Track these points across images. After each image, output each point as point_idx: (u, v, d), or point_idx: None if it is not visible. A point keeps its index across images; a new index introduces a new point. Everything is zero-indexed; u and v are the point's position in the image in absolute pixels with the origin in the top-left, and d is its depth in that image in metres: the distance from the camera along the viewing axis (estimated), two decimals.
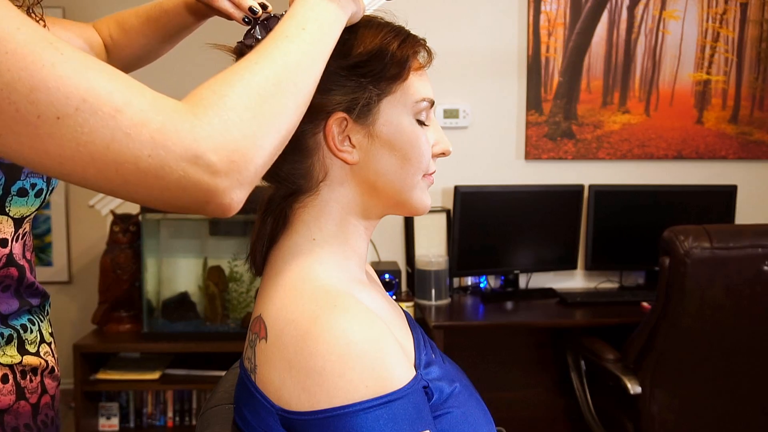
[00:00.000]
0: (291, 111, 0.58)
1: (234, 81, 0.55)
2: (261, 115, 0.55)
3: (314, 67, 0.61)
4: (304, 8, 0.64)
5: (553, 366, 2.59)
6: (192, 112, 0.52)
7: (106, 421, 2.62)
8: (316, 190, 0.75)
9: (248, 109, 0.54)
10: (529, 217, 2.49)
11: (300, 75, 0.59)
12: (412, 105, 0.74)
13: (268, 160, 0.57)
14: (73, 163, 0.49)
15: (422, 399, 0.65)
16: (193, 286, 2.70)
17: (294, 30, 0.61)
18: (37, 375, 0.81)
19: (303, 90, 0.60)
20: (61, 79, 0.47)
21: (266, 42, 0.61)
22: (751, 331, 1.80)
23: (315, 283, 0.69)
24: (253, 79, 0.56)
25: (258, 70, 0.57)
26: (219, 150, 0.52)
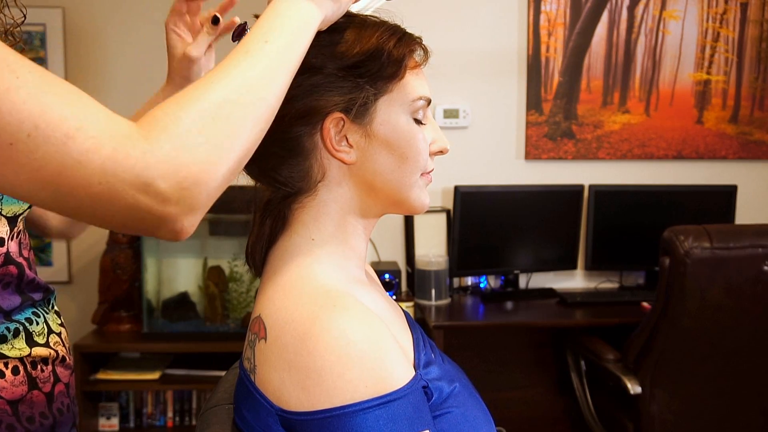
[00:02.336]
0: (249, 130, 0.57)
1: (189, 103, 0.55)
2: (215, 138, 0.54)
3: (276, 81, 0.60)
4: (272, 15, 0.63)
5: (553, 366, 2.59)
6: (145, 137, 0.52)
7: (106, 421, 2.62)
8: (314, 191, 0.75)
9: (201, 133, 0.53)
10: (529, 217, 2.49)
11: (260, 91, 0.58)
12: (409, 104, 0.74)
13: (223, 183, 0.56)
14: (28, 187, 0.50)
15: (422, 399, 0.65)
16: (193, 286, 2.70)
17: (256, 44, 0.60)
18: (48, 365, 0.82)
19: (263, 106, 0.59)
20: (14, 105, 0.47)
21: (227, 59, 0.60)
22: (752, 331, 1.80)
23: (314, 283, 0.69)
24: (208, 99, 0.55)
25: (214, 91, 0.56)
26: (169, 177, 0.51)
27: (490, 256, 2.48)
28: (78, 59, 3.30)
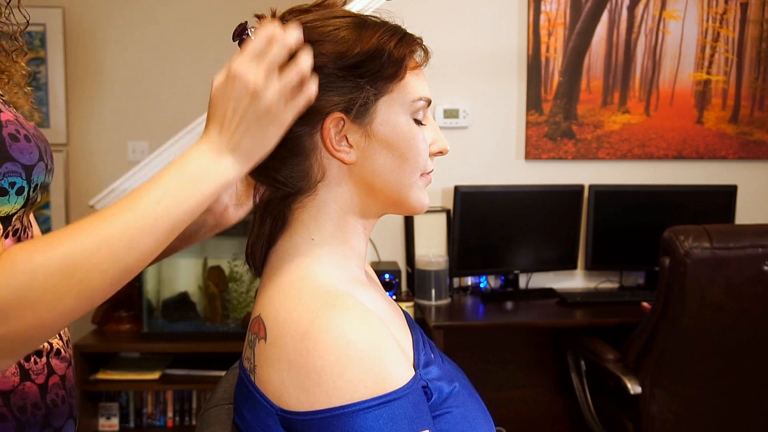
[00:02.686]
0: (98, 295, 0.62)
1: (50, 260, 0.59)
2: (59, 304, 0.59)
3: (152, 245, 0.63)
4: (178, 171, 0.64)
5: (553, 366, 2.59)
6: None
7: (106, 421, 2.62)
8: (314, 191, 0.75)
9: (45, 296, 0.59)
10: (529, 217, 2.49)
11: (127, 257, 0.62)
12: (409, 104, 0.74)
13: (47, 333, 0.62)
14: None
15: (421, 399, 0.65)
16: (193, 286, 2.70)
17: (148, 203, 0.63)
18: (42, 357, 0.82)
19: (121, 270, 0.62)
20: None
21: (120, 206, 0.63)
22: (752, 331, 1.80)
23: (314, 283, 0.69)
24: (69, 248, 0.60)
25: (78, 243, 0.60)
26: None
27: (490, 256, 2.48)
28: (78, 59, 3.30)
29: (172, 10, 3.29)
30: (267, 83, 0.64)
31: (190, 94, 3.21)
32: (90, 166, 3.34)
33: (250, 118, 0.64)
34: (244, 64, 0.64)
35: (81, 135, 3.34)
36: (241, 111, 0.64)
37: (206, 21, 3.26)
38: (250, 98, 0.64)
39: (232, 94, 0.64)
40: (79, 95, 3.31)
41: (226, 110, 0.65)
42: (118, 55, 3.31)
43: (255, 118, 0.64)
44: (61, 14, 3.23)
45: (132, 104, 3.33)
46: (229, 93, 0.64)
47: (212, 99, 0.66)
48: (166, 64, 3.31)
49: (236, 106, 0.64)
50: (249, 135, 0.65)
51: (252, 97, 0.64)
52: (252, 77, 0.63)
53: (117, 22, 3.29)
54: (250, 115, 0.64)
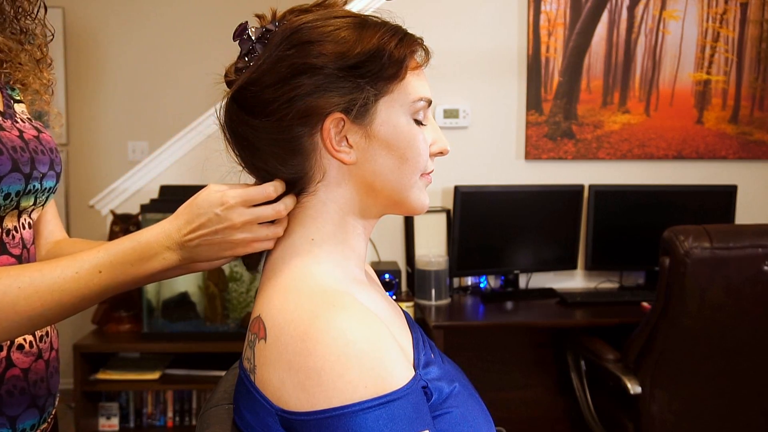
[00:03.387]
0: (10, 330, 0.72)
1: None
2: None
3: (69, 301, 0.73)
4: (130, 247, 0.74)
5: (553, 366, 2.59)
6: None
7: (106, 421, 2.62)
8: (313, 191, 0.75)
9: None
10: (529, 217, 2.49)
11: (44, 306, 0.71)
12: (410, 105, 0.74)
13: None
14: None
15: (421, 399, 0.65)
16: (193, 286, 2.70)
17: (90, 272, 0.73)
18: (2, 351, 0.86)
19: (40, 316, 0.72)
20: None
21: (52, 263, 0.73)
22: (752, 331, 1.80)
23: (314, 284, 0.69)
24: (4, 293, 0.70)
25: (10, 287, 0.70)
26: None
27: (490, 256, 2.48)
28: (78, 59, 3.30)
29: (172, 10, 3.29)
30: (244, 225, 0.74)
31: (190, 94, 3.21)
32: (90, 166, 3.34)
33: (216, 239, 0.74)
34: (238, 201, 0.73)
35: (81, 135, 3.33)
36: (212, 229, 0.73)
37: (206, 21, 3.26)
38: (225, 227, 0.73)
39: (215, 215, 0.73)
40: (79, 95, 3.31)
41: (201, 220, 0.73)
42: (118, 55, 3.31)
43: (220, 241, 0.74)
44: (61, 14, 3.23)
45: (132, 104, 3.33)
46: (214, 213, 0.73)
47: (197, 201, 0.74)
48: (167, 64, 3.31)
49: (212, 224, 0.73)
50: (206, 248, 0.74)
51: (227, 228, 0.73)
52: (237, 216, 0.73)
53: (117, 22, 3.29)
54: (217, 237, 0.74)
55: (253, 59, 0.74)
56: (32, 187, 0.90)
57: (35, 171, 0.89)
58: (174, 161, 2.61)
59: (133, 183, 2.64)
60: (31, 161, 0.89)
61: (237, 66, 0.76)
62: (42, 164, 0.92)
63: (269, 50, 0.72)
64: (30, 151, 0.89)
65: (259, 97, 0.72)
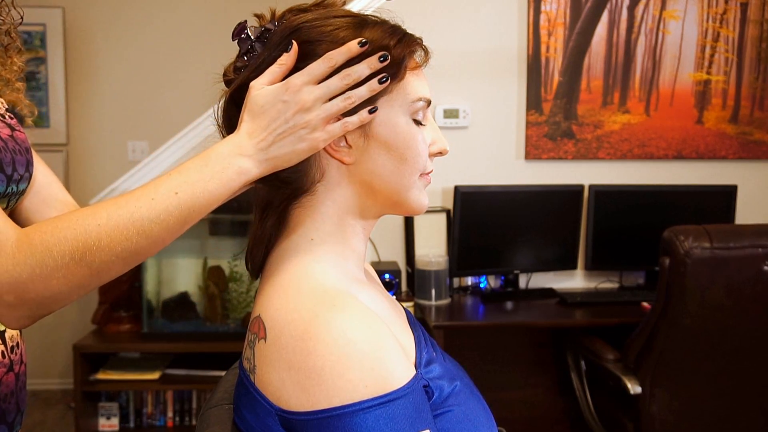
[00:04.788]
0: (109, 274, 0.67)
1: (67, 236, 0.64)
2: (73, 278, 0.65)
3: (167, 233, 0.67)
4: (201, 164, 0.68)
5: (553, 366, 2.59)
6: (12, 255, 0.64)
7: (106, 421, 2.62)
8: (313, 191, 0.75)
9: (61, 270, 0.64)
10: (529, 217, 2.49)
11: (143, 243, 0.66)
12: (409, 105, 0.74)
13: (67, 304, 0.67)
14: None
15: (422, 398, 0.65)
16: (193, 286, 2.70)
17: (165, 192, 0.66)
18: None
19: (135, 256, 0.67)
20: None
21: (137, 194, 0.67)
22: (752, 331, 1.80)
23: (313, 283, 0.69)
24: (85, 239, 0.64)
25: (97, 230, 0.65)
26: (17, 295, 0.64)
27: (490, 256, 2.48)
28: (78, 59, 3.30)
29: (172, 10, 3.29)
30: (315, 102, 0.68)
31: (190, 94, 3.21)
32: (90, 166, 3.34)
33: (288, 128, 0.68)
34: (302, 81, 0.68)
35: (81, 135, 3.33)
36: (283, 119, 0.68)
37: (206, 21, 3.26)
38: (296, 111, 0.68)
39: (282, 102, 0.68)
40: (79, 95, 3.31)
41: (269, 114, 0.68)
42: (118, 55, 3.31)
43: (293, 129, 0.68)
44: (61, 14, 3.23)
45: (132, 104, 3.33)
46: (281, 100, 0.68)
47: (255, 101, 0.69)
48: (167, 64, 3.31)
49: (281, 113, 0.68)
50: (280, 144, 0.68)
51: (298, 111, 0.68)
52: (306, 94, 0.68)
53: (117, 22, 3.29)
54: (290, 125, 0.68)
55: (252, 58, 0.74)
56: (11, 189, 0.86)
57: (15, 173, 0.85)
58: (174, 161, 2.61)
59: (133, 183, 2.64)
60: (12, 162, 0.84)
61: (236, 65, 0.76)
62: (20, 165, 0.87)
63: (268, 49, 0.72)
64: (10, 151, 0.85)
65: None
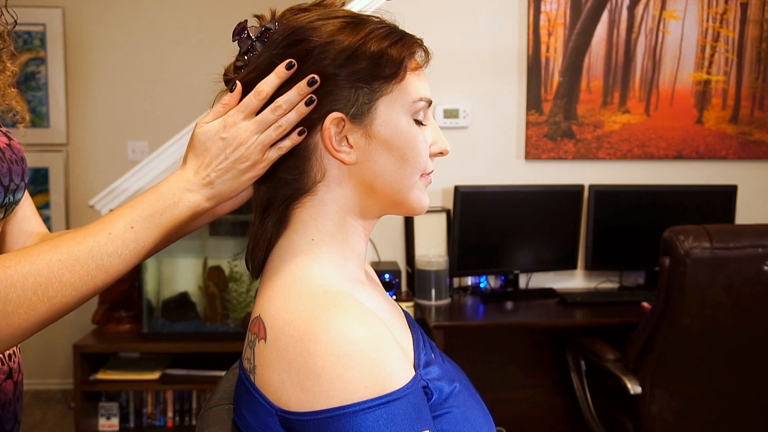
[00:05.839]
0: (69, 305, 0.68)
1: (28, 264, 0.66)
2: (35, 312, 0.66)
3: (118, 266, 0.70)
4: (153, 199, 0.71)
5: (553, 366, 2.59)
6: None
7: (106, 421, 2.62)
8: (313, 191, 0.75)
9: (21, 300, 0.65)
10: (529, 217, 2.49)
11: (97, 278, 0.69)
12: (410, 105, 0.74)
13: (20, 339, 0.68)
14: None
15: (421, 399, 0.65)
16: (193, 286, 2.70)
17: (121, 229, 0.70)
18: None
19: (91, 286, 0.69)
20: None
21: (94, 228, 0.70)
22: (752, 331, 1.80)
23: (314, 283, 0.69)
24: (42, 264, 0.66)
25: (51, 260, 0.67)
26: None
27: (490, 256, 2.48)
28: (78, 59, 3.30)
29: (172, 10, 3.29)
30: (250, 138, 0.72)
31: (189, 94, 3.21)
32: (90, 166, 3.34)
33: (229, 165, 0.73)
34: (237, 118, 0.72)
35: (81, 135, 3.33)
36: (222, 157, 0.72)
37: (206, 21, 3.26)
38: (235, 147, 0.72)
39: (221, 140, 0.72)
40: (79, 95, 3.31)
41: (211, 151, 0.73)
42: (118, 55, 3.31)
43: (233, 165, 0.73)
44: (61, 14, 3.23)
45: (132, 104, 3.33)
46: (218, 140, 0.72)
47: (197, 138, 0.73)
48: (167, 64, 3.31)
49: (220, 152, 0.72)
50: (224, 178, 0.73)
51: (236, 149, 0.72)
52: (241, 132, 0.72)
53: (117, 22, 3.29)
54: (229, 162, 0.72)
55: (252, 58, 0.74)
56: (8, 199, 0.86)
57: (12, 183, 0.86)
58: (174, 161, 2.61)
59: (133, 183, 2.64)
60: (9, 173, 0.85)
61: (236, 65, 0.76)
62: (17, 175, 0.88)
63: (268, 49, 0.72)
64: (7, 160, 0.85)
65: None
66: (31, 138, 3.25)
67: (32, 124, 3.27)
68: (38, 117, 3.27)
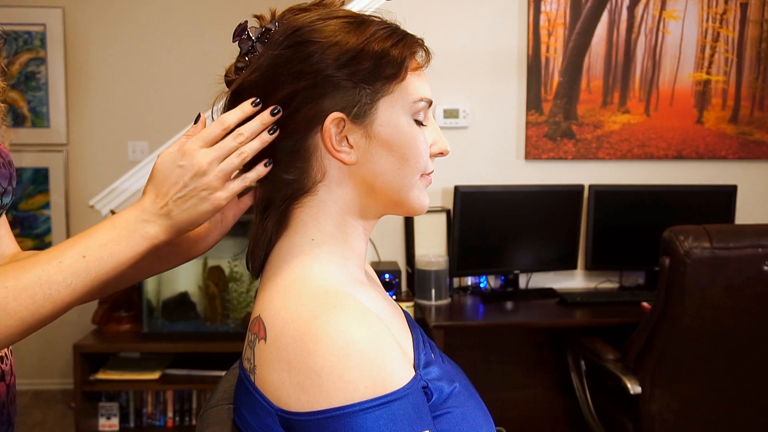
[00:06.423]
0: (6, 333, 0.66)
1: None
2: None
3: (59, 294, 0.67)
4: (110, 228, 0.70)
5: (553, 366, 2.59)
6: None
7: (106, 421, 2.62)
8: (314, 191, 0.75)
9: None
10: (529, 217, 2.49)
11: (35, 303, 0.66)
12: (410, 105, 0.74)
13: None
14: None
15: (421, 399, 0.65)
16: (193, 286, 2.70)
17: (72, 257, 0.67)
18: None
19: (33, 315, 0.66)
20: None
21: (33, 259, 0.67)
22: (751, 331, 1.80)
23: (314, 284, 0.69)
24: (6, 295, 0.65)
25: (3, 289, 0.65)
26: None
27: (490, 256, 2.48)
28: (78, 59, 3.30)
29: (172, 10, 3.29)
30: (210, 165, 0.70)
31: (190, 94, 3.21)
32: (90, 166, 3.34)
33: (188, 192, 0.70)
34: (196, 146, 0.70)
35: (81, 135, 3.33)
36: (181, 183, 0.70)
37: (207, 21, 3.26)
38: (192, 175, 0.70)
39: (179, 167, 0.70)
40: (79, 95, 3.31)
41: (169, 180, 0.70)
42: (118, 55, 3.31)
43: (193, 192, 0.70)
44: (61, 14, 3.23)
45: (132, 104, 3.33)
46: (177, 165, 0.70)
47: (157, 168, 0.71)
48: (167, 64, 3.31)
49: (179, 178, 0.70)
50: (182, 208, 0.70)
51: (195, 175, 0.70)
52: (199, 157, 0.70)
53: (117, 22, 3.29)
54: (188, 189, 0.70)
55: (253, 59, 0.74)
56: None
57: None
58: None
59: (133, 183, 2.64)
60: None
61: (237, 65, 0.76)
62: (4, 179, 0.87)
63: (269, 49, 0.72)
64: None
65: None
66: (31, 138, 3.25)
67: (32, 124, 3.27)
68: (38, 117, 3.27)
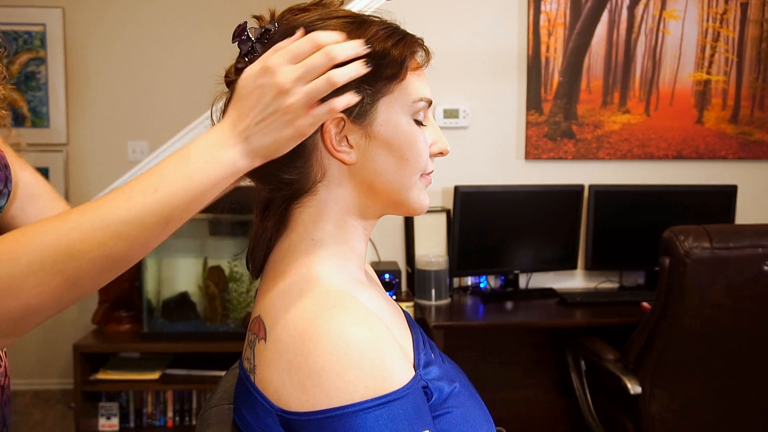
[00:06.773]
0: (89, 283, 0.61)
1: (37, 244, 0.58)
2: (47, 287, 0.59)
3: (144, 236, 0.61)
4: (182, 159, 0.62)
5: (553, 366, 2.59)
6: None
7: (106, 421, 2.62)
8: (314, 191, 0.75)
9: (31, 280, 0.58)
10: (529, 217, 2.49)
11: (120, 246, 0.60)
12: (410, 105, 0.74)
13: (46, 319, 0.61)
14: None
15: (421, 399, 0.65)
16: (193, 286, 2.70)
17: (143, 191, 0.61)
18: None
19: (115, 261, 0.60)
20: None
21: (111, 196, 0.61)
22: (752, 331, 1.80)
23: (314, 284, 0.69)
24: (58, 246, 0.58)
25: (70, 235, 0.59)
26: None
27: (490, 256, 2.48)
28: (78, 59, 3.30)
29: (171, 10, 3.29)
30: (295, 84, 0.62)
31: (189, 94, 3.21)
32: (90, 166, 3.34)
33: (268, 113, 0.63)
34: (281, 61, 0.62)
35: (81, 135, 3.33)
36: (262, 104, 0.62)
37: (207, 21, 3.26)
38: (274, 95, 0.62)
39: (259, 87, 0.63)
40: (79, 95, 3.31)
41: (249, 100, 0.63)
42: (118, 55, 3.31)
43: (274, 115, 0.63)
44: (61, 14, 3.23)
45: (132, 104, 3.33)
46: (258, 84, 0.63)
47: (239, 86, 0.65)
48: (167, 64, 3.31)
49: (260, 98, 0.62)
50: (263, 131, 0.63)
51: (277, 95, 0.62)
52: (283, 75, 0.62)
53: (117, 22, 3.29)
54: (269, 110, 0.62)
55: (253, 59, 0.74)
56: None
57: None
58: None
59: None
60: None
61: (237, 66, 0.76)
62: (0, 181, 0.85)
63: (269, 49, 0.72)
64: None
65: None
66: (31, 138, 3.25)
67: (32, 124, 3.27)
68: (38, 117, 3.27)
